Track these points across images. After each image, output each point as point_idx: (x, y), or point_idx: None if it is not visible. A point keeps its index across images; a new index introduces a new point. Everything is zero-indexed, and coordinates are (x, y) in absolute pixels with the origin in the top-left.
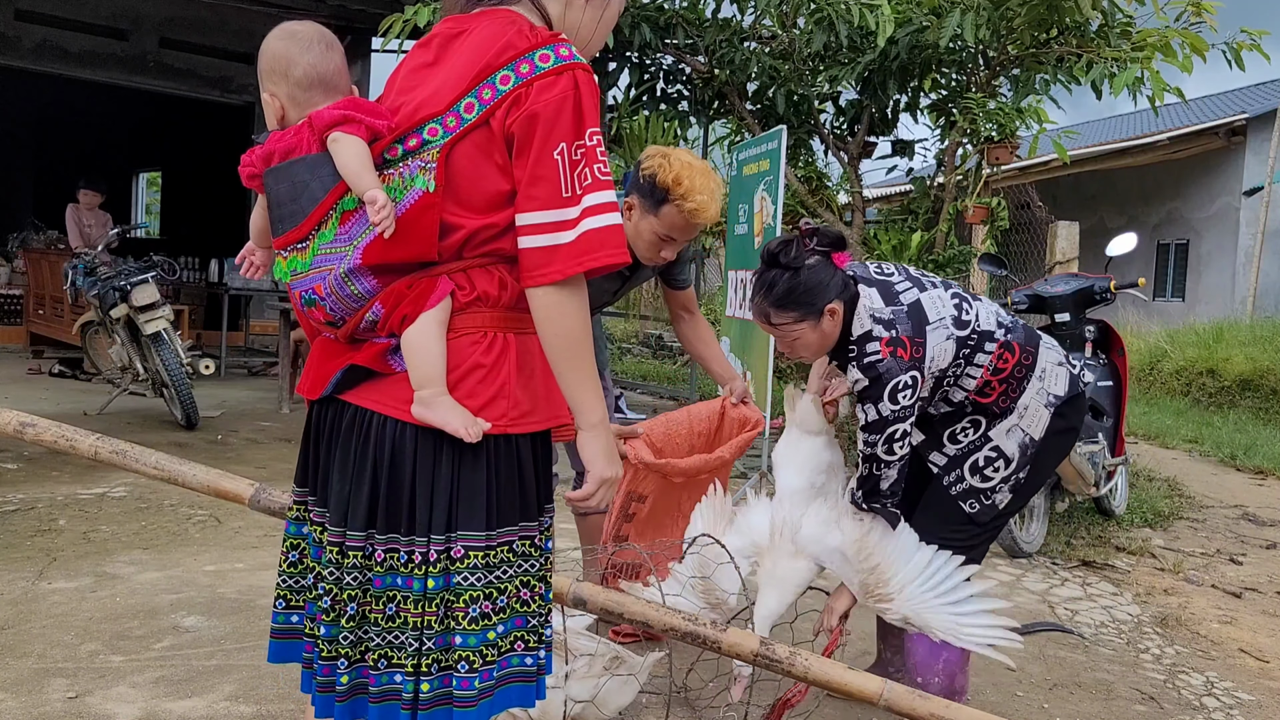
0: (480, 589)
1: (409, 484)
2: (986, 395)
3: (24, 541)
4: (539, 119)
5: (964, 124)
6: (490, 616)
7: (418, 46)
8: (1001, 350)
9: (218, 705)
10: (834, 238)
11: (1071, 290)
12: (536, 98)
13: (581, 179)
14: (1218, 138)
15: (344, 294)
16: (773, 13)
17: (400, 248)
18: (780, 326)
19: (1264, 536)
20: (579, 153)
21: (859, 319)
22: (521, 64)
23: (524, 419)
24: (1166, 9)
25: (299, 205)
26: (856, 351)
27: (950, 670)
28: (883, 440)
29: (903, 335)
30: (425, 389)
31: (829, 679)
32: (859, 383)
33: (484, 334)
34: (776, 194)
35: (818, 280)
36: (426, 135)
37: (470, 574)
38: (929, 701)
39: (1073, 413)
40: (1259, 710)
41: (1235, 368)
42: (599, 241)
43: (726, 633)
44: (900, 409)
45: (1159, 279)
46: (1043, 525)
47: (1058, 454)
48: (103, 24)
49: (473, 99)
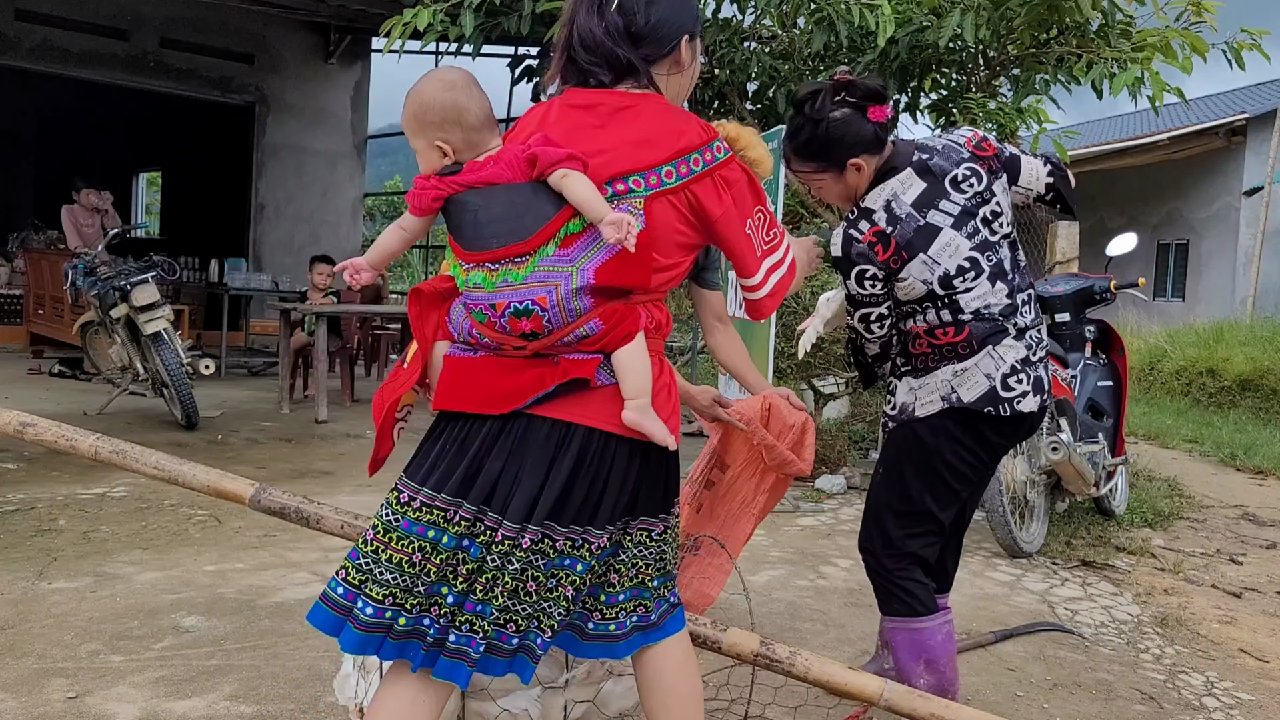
0: (634, 562)
1: (603, 485)
2: (915, 347)
3: (24, 541)
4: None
5: (964, 124)
6: (633, 581)
7: (571, 107)
8: (949, 324)
9: (218, 705)
10: (869, 90)
11: (1071, 290)
12: (730, 182)
13: (765, 243)
14: (1218, 138)
15: (568, 307)
16: (773, 13)
17: (628, 273)
18: (800, 173)
19: (1264, 536)
20: (759, 217)
21: (879, 192)
22: (706, 152)
23: (676, 432)
24: (1166, 9)
25: (521, 224)
26: (851, 219)
27: (934, 668)
28: (858, 315)
29: (893, 238)
30: (641, 398)
31: (829, 679)
32: (833, 247)
33: (658, 356)
34: (776, 194)
35: (842, 134)
36: (631, 185)
37: (634, 548)
38: (929, 702)
39: (967, 425)
40: (1259, 710)
41: (1235, 368)
42: (784, 285)
43: (727, 633)
44: (864, 294)
45: (1159, 279)
46: (1043, 525)
47: (936, 448)
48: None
49: (672, 168)
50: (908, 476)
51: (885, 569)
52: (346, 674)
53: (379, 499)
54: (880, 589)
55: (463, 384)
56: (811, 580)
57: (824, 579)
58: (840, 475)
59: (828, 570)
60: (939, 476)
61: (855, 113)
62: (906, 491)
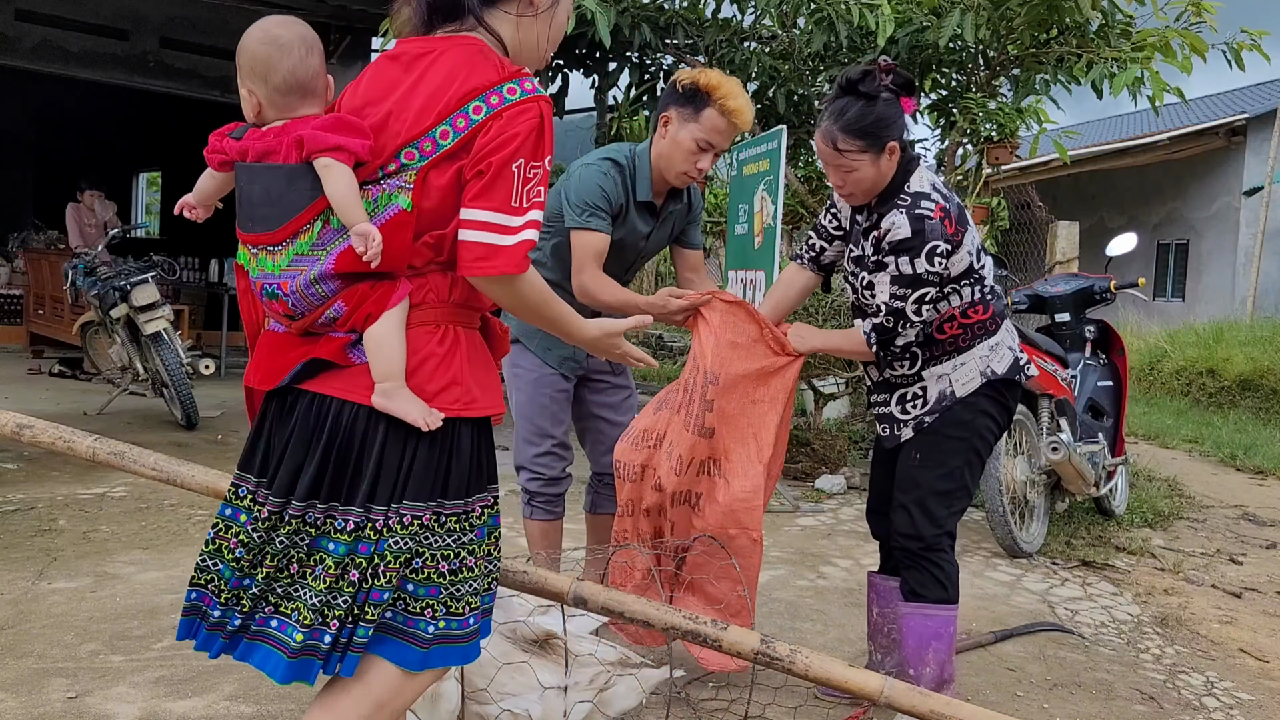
0: (406, 554)
1: (356, 460)
2: (943, 332)
3: (24, 541)
4: (508, 139)
5: (964, 124)
6: (408, 578)
7: (385, 58)
8: (981, 303)
9: (218, 705)
10: (906, 79)
11: (1071, 290)
12: (508, 124)
13: (530, 195)
14: (1218, 138)
15: (308, 292)
16: (773, 13)
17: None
18: (846, 154)
19: (1264, 536)
20: (533, 172)
21: (919, 178)
22: (492, 95)
23: (471, 406)
24: (1166, 9)
25: (275, 211)
26: (910, 202)
27: (940, 660)
28: (914, 297)
29: (954, 214)
30: (386, 382)
31: (829, 677)
32: (898, 229)
33: (437, 326)
34: (776, 194)
35: (888, 115)
36: (404, 160)
37: (403, 541)
38: (929, 699)
39: (1002, 395)
40: (1259, 710)
41: (1235, 368)
42: (524, 250)
43: (727, 631)
44: (931, 272)
45: (1159, 279)
46: (1043, 525)
47: (981, 422)
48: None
49: (448, 126)
50: (948, 456)
51: (930, 551)
52: None
53: None
54: (920, 575)
55: (255, 360)
56: (811, 580)
57: (824, 579)
58: (840, 475)
59: (827, 570)
60: (977, 451)
61: (894, 98)
62: (950, 472)
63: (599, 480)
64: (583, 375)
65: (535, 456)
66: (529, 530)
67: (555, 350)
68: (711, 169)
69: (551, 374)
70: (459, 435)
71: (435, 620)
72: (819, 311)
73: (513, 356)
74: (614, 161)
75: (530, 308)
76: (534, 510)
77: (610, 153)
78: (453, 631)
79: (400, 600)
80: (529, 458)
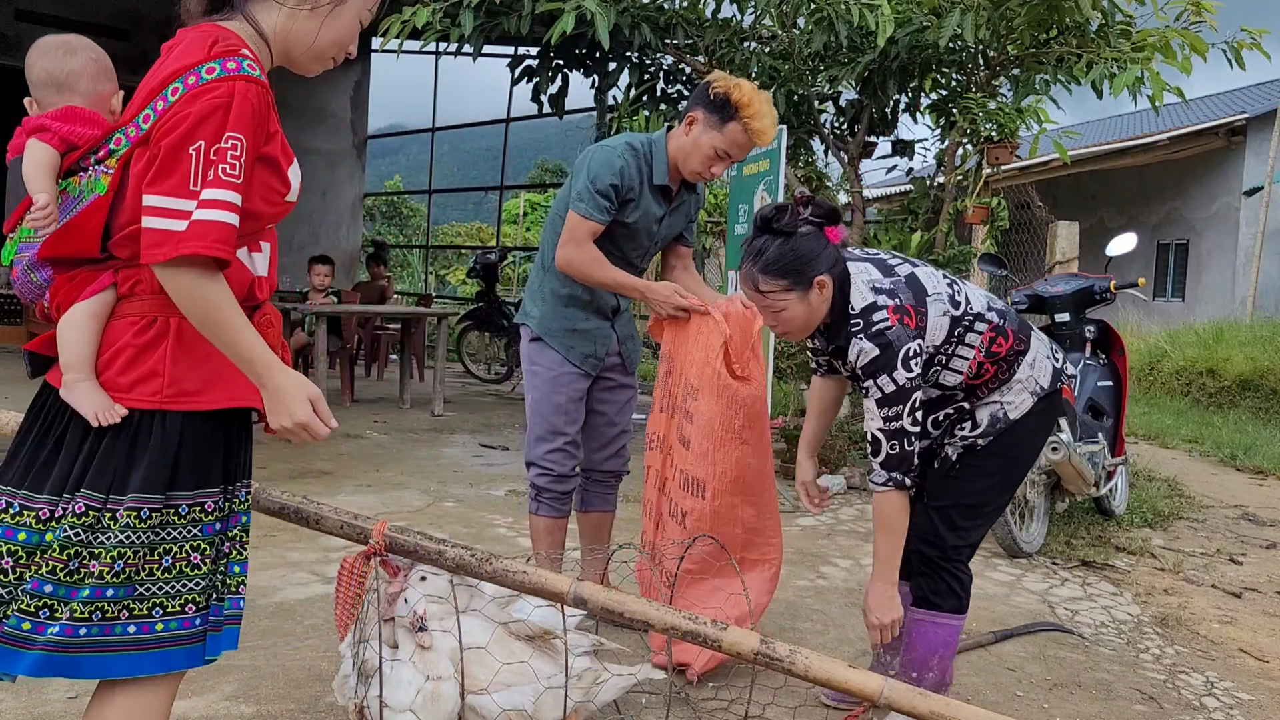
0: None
1: (54, 447)
2: (980, 377)
3: None
4: (186, 119)
5: (964, 124)
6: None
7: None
8: (994, 334)
9: (218, 705)
10: (828, 210)
11: (1071, 290)
12: (184, 105)
13: (206, 177)
14: (1218, 138)
15: (26, 280)
16: (773, 13)
17: (68, 244)
18: (768, 295)
19: (1264, 536)
20: (214, 154)
21: (858, 292)
22: (190, 77)
23: (182, 398)
24: (1166, 9)
25: (10, 201)
26: (861, 324)
27: (943, 666)
28: (907, 410)
29: (906, 304)
30: (68, 374)
31: (829, 677)
32: (865, 354)
33: (143, 318)
34: (776, 194)
35: (809, 249)
36: (113, 145)
37: (71, 530)
38: (929, 699)
39: (1052, 406)
40: (1259, 710)
41: (1235, 368)
42: (201, 232)
43: (727, 631)
44: (914, 376)
45: (1159, 279)
46: (1043, 525)
47: (1032, 440)
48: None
49: (149, 111)
50: (989, 474)
51: (949, 561)
52: (346, 674)
53: (379, 499)
54: (936, 584)
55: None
56: (811, 580)
57: (824, 579)
58: (840, 475)
59: (828, 570)
60: (1019, 469)
61: (817, 231)
62: (987, 487)
63: (588, 477)
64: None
65: (547, 453)
66: (534, 526)
67: (579, 348)
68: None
69: (570, 372)
70: (163, 427)
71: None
72: None
73: (531, 354)
74: (631, 146)
75: (199, 306)
76: (541, 506)
77: (628, 138)
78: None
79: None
80: (540, 454)
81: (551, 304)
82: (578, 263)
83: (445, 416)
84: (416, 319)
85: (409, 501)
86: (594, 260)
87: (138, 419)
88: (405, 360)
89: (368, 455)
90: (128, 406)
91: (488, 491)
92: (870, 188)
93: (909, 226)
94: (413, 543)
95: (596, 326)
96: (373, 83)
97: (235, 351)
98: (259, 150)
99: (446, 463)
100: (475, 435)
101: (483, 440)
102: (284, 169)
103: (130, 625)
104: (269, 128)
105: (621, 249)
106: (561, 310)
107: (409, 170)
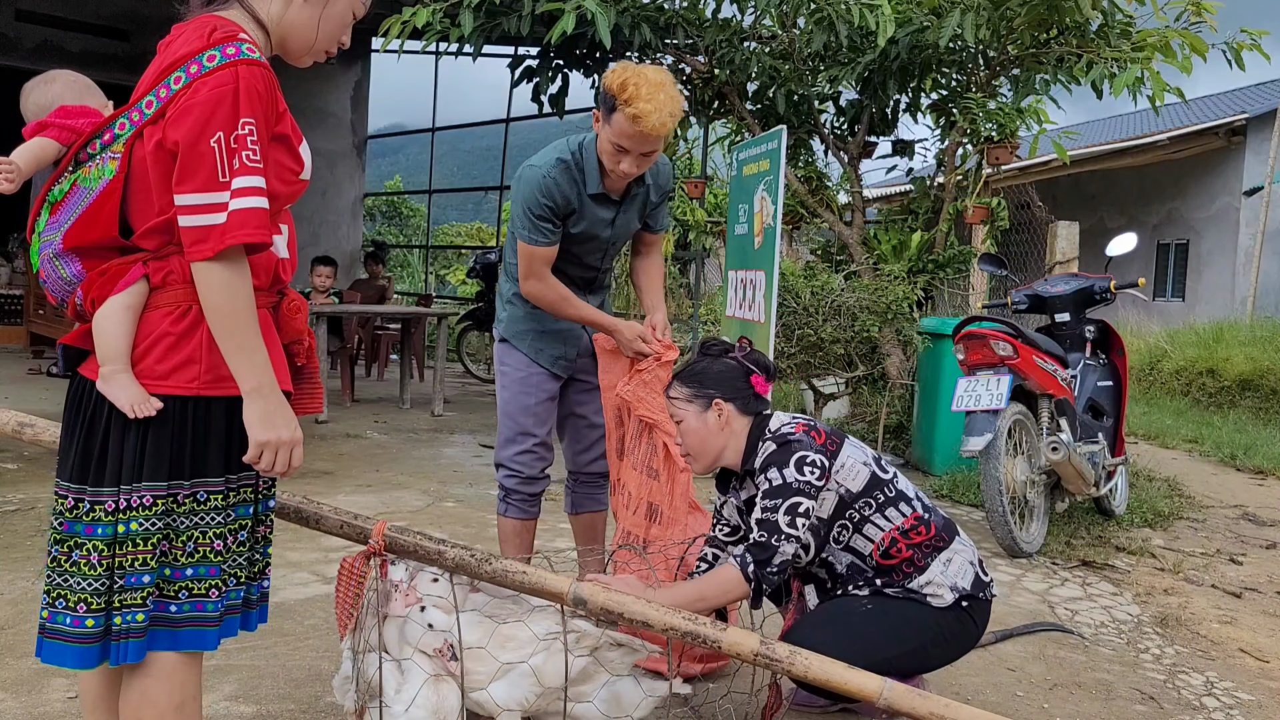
0: (158, 535)
1: (101, 442)
2: (891, 557)
3: (24, 541)
4: (195, 109)
5: (964, 124)
6: (168, 556)
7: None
8: (916, 521)
9: (218, 705)
10: (760, 362)
11: (1071, 290)
12: (192, 95)
13: (232, 166)
14: (1218, 138)
15: (56, 277)
16: (773, 13)
17: (88, 232)
18: (673, 401)
19: (1264, 536)
20: (234, 141)
21: (775, 420)
22: (192, 65)
23: (219, 383)
24: (1166, 9)
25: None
26: (773, 434)
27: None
28: (784, 508)
29: (820, 427)
30: (105, 365)
31: (829, 678)
32: (766, 450)
33: (177, 306)
34: (776, 194)
35: (720, 373)
36: (116, 130)
37: (147, 521)
38: (929, 700)
39: (972, 617)
40: (1259, 710)
41: (1235, 368)
42: (241, 220)
43: (727, 632)
44: (804, 482)
45: (1159, 279)
46: (1043, 525)
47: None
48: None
49: (152, 97)
50: (898, 625)
51: None
52: (346, 674)
53: (379, 499)
54: None
55: None
56: None
57: None
58: None
59: None
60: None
61: (741, 369)
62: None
63: (575, 479)
64: (569, 375)
65: (515, 455)
66: (502, 528)
67: (548, 350)
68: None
69: (539, 373)
70: (206, 413)
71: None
72: (819, 311)
73: (500, 355)
74: (561, 160)
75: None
76: (509, 507)
77: (558, 150)
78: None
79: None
80: (509, 455)
81: (519, 305)
82: (544, 302)
83: (445, 416)
84: (416, 319)
85: (409, 501)
86: (562, 299)
87: (178, 407)
88: (405, 360)
89: (368, 455)
90: (167, 394)
91: (488, 491)
92: (870, 188)
93: (909, 226)
94: (412, 543)
95: (567, 327)
96: (373, 83)
97: (247, 351)
98: (271, 130)
99: (446, 463)
100: (475, 435)
101: (483, 440)
102: (296, 146)
103: (208, 603)
104: (278, 107)
105: (577, 255)
106: (530, 312)
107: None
